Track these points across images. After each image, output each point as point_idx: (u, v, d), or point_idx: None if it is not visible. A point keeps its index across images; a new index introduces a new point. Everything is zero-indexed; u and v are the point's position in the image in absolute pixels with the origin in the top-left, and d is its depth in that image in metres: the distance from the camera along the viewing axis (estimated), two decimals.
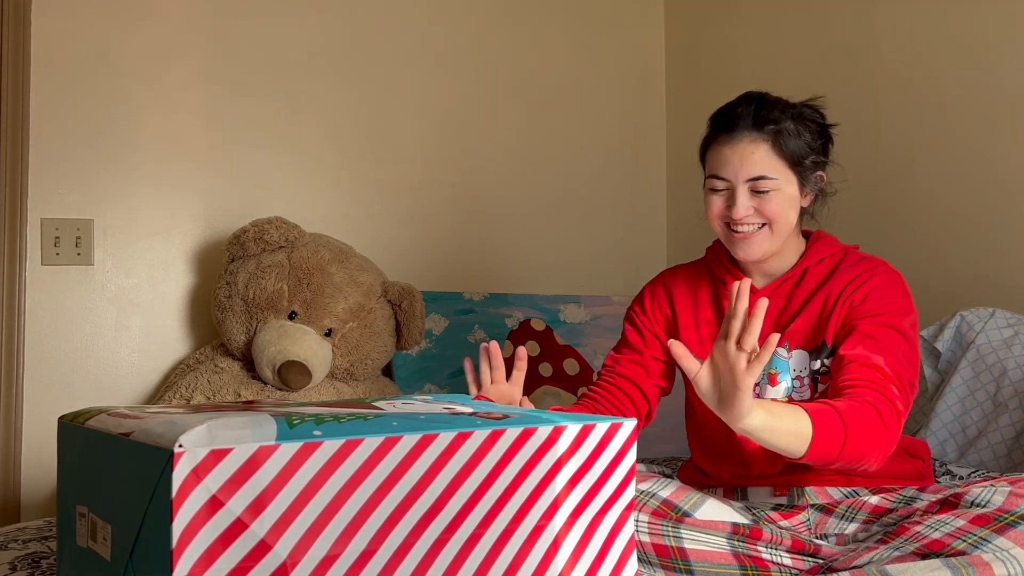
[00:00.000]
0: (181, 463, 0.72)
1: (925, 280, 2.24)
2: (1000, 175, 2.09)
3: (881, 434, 1.18)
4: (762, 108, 1.35)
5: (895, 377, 1.24)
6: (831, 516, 1.28)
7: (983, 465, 1.73)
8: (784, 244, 1.40)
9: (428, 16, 2.63)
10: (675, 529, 1.16)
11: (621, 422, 0.96)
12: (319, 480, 0.77)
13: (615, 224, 2.95)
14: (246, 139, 2.35)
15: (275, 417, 0.81)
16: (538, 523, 0.89)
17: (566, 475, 0.91)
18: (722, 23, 2.86)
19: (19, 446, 2.07)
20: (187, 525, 0.72)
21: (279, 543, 0.75)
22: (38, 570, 1.17)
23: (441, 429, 0.84)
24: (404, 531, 0.82)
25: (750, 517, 1.22)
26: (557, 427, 0.91)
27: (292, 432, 0.78)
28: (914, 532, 1.07)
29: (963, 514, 1.05)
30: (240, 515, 0.74)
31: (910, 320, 1.34)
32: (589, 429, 0.93)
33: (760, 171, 1.33)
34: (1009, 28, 2.07)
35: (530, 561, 0.89)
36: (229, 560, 0.73)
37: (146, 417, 0.82)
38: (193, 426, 0.74)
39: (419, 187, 2.60)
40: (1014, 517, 1.02)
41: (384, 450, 0.81)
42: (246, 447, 0.74)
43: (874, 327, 1.30)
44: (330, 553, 0.78)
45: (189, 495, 0.72)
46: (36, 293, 2.12)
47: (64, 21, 2.15)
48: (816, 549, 1.17)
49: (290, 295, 2.07)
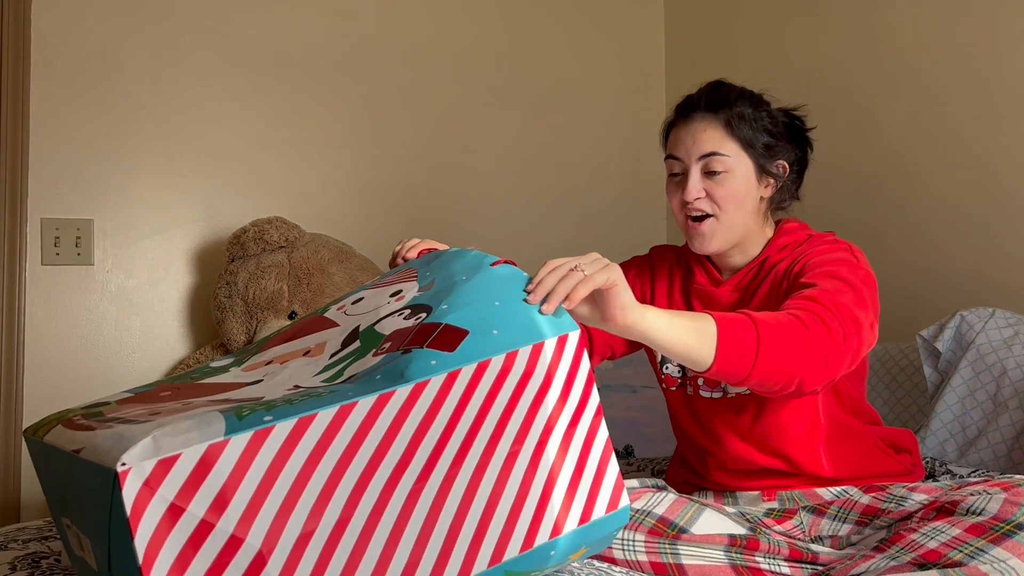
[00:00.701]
0: (129, 480, 0.70)
1: (925, 280, 2.24)
2: (1000, 175, 2.09)
3: (805, 338, 1.11)
4: (718, 91, 1.38)
5: (831, 304, 1.17)
6: (824, 517, 1.27)
7: (983, 465, 1.73)
8: (745, 236, 1.38)
9: (428, 16, 2.63)
10: (672, 546, 1.15)
11: (566, 333, 0.95)
12: (278, 464, 0.76)
13: (615, 224, 2.95)
14: (246, 139, 2.35)
15: (224, 412, 0.79)
16: (511, 449, 0.89)
17: (528, 397, 0.91)
18: (722, 23, 2.86)
19: (19, 446, 2.07)
20: (151, 538, 0.71)
21: (251, 534, 0.74)
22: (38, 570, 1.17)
23: (397, 385, 0.83)
24: (376, 492, 0.81)
25: (746, 526, 1.21)
26: (510, 354, 0.90)
27: (241, 423, 0.76)
28: (910, 540, 1.06)
29: (959, 522, 1.04)
30: (204, 516, 0.73)
31: (858, 274, 1.26)
32: (539, 348, 0.93)
33: (711, 147, 1.33)
34: (1009, 28, 2.07)
35: (511, 486, 0.88)
36: (203, 562, 0.73)
37: (97, 427, 0.80)
38: (138, 438, 0.73)
39: (419, 187, 2.60)
40: (1010, 526, 1.01)
41: (340, 419, 0.80)
42: (194, 449, 0.73)
43: (813, 277, 1.25)
44: (304, 531, 0.77)
45: (146, 509, 0.71)
46: (36, 293, 2.12)
47: (64, 21, 2.15)
48: (814, 557, 1.16)
49: (290, 295, 2.07)
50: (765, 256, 1.39)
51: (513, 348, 0.91)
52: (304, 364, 0.96)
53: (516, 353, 0.91)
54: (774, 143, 1.37)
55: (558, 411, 0.93)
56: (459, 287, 1.00)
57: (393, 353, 0.90)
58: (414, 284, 1.06)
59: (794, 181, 1.44)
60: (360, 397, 0.81)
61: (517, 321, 0.94)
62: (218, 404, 0.85)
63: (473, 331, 0.92)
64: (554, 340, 0.94)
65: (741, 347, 1.07)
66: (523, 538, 0.88)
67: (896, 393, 2.01)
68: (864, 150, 2.39)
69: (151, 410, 0.85)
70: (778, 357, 1.09)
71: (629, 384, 2.31)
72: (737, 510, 1.31)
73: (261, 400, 0.84)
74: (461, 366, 0.87)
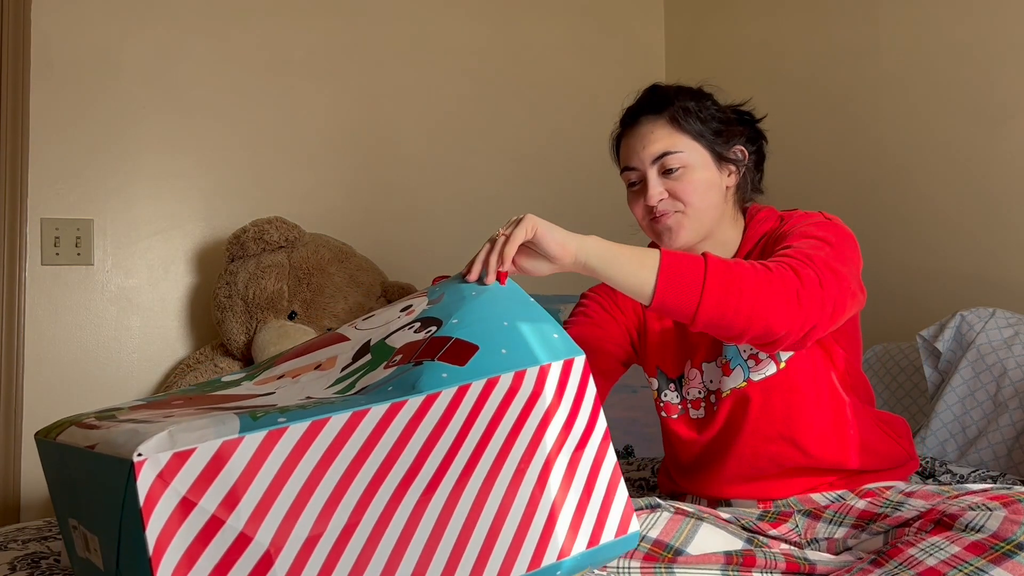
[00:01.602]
0: (144, 471, 0.71)
1: (925, 280, 2.24)
2: (1000, 175, 2.09)
3: (767, 278, 1.09)
4: (656, 93, 1.37)
5: (803, 256, 1.15)
6: (819, 521, 1.27)
7: (983, 465, 1.73)
8: (715, 228, 1.36)
9: (428, 16, 2.63)
10: (668, 570, 1.14)
11: (572, 358, 0.96)
12: (289, 465, 0.77)
13: (615, 224, 2.94)
14: (246, 139, 2.35)
15: (239, 414, 0.81)
16: (518, 467, 0.89)
17: (536, 417, 0.92)
18: (722, 23, 2.86)
19: (19, 446, 2.07)
20: (161, 530, 0.72)
21: (259, 532, 0.75)
22: (38, 570, 1.17)
23: (409, 395, 0.84)
24: (384, 499, 0.81)
25: (743, 537, 1.20)
26: (518, 372, 0.91)
27: (256, 423, 0.77)
28: (908, 555, 1.05)
29: (958, 539, 1.03)
30: (214, 512, 0.74)
31: (835, 232, 1.24)
32: (546, 370, 0.94)
33: (663, 147, 1.32)
34: (1008, 28, 2.07)
35: (517, 503, 0.89)
36: (211, 558, 0.73)
37: (111, 427, 0.81)
38: (154, 433, 0.74)
39: (419, 187, 2.60)
40: (1011, 546, 1.00)
41: (352, 425, 0.81)
42: (209, 445, 0.74)
43: (787, 241, 1.24)
44: (312, 533, 0.78)
45: (158, 501, 0.72)
46: (36, 293, 2.12)
47: (64, 21, 2.15)
48: (811, 568, 1.15)
49: (290, 295, 2.07)
50: (746, 251, 1.38)
51: (521, 368, 0.92)
52: (316, 377, 0.97)
53: (524, 373, 0.92)
54: (724, 128, 1.35)
55: (565, 433, 0.94)
56: (469, 302, 1.01)
57: (404, 365, 0.91)
58: (424, 299, 1.08)
59: (754, 173, 1.42)
60: (373, 404, 0.82)
61: (523, 342, 0.96)
62: (232, 410, 0.86)
63: (483, 347, 0.93)
64: (560, 364, 0.95)
65: (686, 279, 1.07)
66: (530, 557, 0.89)
67: (896, 393, 2.01)
68: (864, 150, 2.39)
69: (165, 413, 0.86)
70: (732, 295, 1.07)
71: (629, 384, 2.31)
72: (732, 514, 1.31)
73: (275, 406, 0.86)
74: (471, 381, 0.88)
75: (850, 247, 1.24)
